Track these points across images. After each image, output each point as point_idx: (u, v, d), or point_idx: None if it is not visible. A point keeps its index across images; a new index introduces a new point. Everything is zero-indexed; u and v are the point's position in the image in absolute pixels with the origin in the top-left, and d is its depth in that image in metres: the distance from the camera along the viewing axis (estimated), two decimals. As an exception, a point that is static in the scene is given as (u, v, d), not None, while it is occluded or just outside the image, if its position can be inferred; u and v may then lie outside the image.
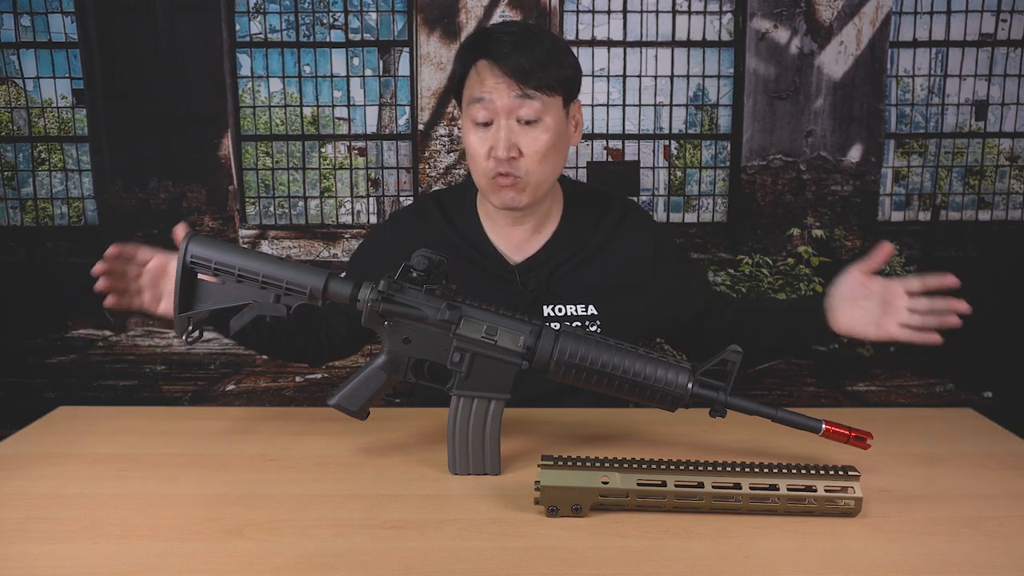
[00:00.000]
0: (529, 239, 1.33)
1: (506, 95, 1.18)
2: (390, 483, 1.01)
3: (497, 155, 1.20)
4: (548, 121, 1.21)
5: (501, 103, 1.19)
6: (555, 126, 1.22)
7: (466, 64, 1.23)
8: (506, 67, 1.17)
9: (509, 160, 1.20)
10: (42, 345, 2.84)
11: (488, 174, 1.23)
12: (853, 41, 2.74)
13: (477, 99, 1.20)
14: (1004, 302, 2.84)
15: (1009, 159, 2.82)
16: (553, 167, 1.25)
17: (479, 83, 1.20)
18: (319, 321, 1.33)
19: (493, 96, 1.19)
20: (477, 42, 1.22)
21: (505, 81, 1.18)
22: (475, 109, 1.21)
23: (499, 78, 1.18)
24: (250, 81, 2.76)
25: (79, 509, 0.93)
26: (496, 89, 1.18)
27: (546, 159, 1.22)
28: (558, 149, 1.24)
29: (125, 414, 1.27)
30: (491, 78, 1.19)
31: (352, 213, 2.84)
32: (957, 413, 1.29)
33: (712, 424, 1.21)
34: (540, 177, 1.23)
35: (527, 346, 1.00)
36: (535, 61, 1.18)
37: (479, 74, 1.21)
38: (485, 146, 1.21)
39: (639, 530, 0.88)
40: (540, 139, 1.21)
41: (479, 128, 1.22)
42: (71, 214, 2.81)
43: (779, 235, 2.83)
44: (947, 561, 0.82)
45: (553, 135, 1.22)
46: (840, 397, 2.91)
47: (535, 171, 1.22)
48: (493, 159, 1.21)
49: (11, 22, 2.69)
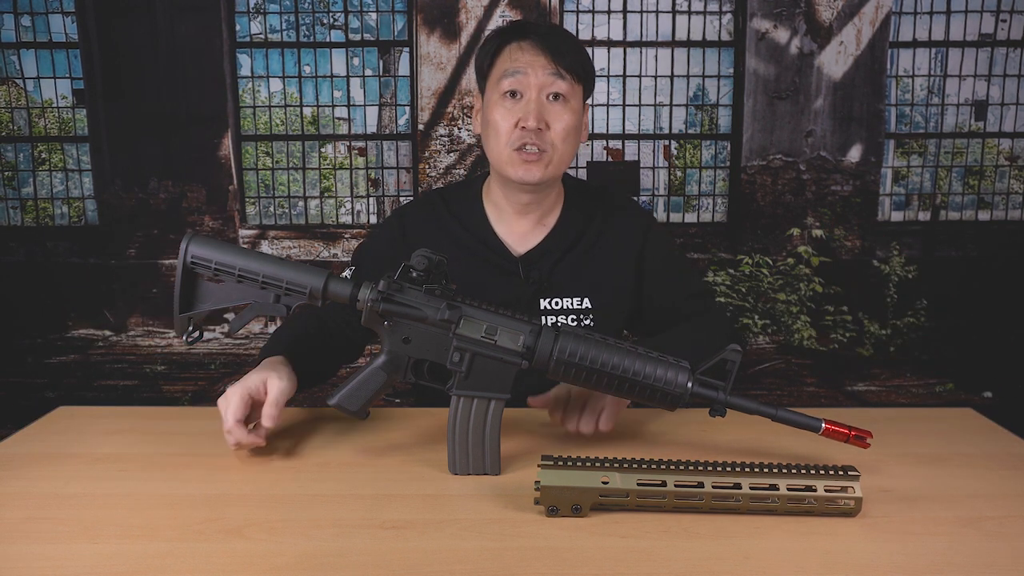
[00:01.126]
0: (532, 230, 1.35)
1: (541, 70, 1.22)
2: (390, 483, 1.00)
3: (527, 124, 1.22)
4: (573, 104, 1.26)
5: (535, 77, 1.23)
6: (577, 111, 1.27)
7: (499, 44, 1.26)
8: (543, 45, 1.22)
9: (537, 131, 1.23)
10: (42, 345, 2.84)
11: (513, 144, 1.24)
12: (853, 41, 2.74)
13: (511, 73, 1.23)
14: (1004, 302, 2.84)
15: (1009, 159, 2.82)
16: (571, 149, 1.29)
17: (514, 58, 1.24)
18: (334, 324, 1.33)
19: (528, 69, 1.23)
20: (513, 27, 1.27)
21: (543, 56, 1.22)
22: (507, 81, 1.24)
23: (536, 54, 1.23)
24: (250, 81, 2.76)
25: (79, 509, 0.93)
26: (532, 63, 1.23)
27: (568, 138, 1.26)
28: (576, 135, 1.29)
29: (125, 414, 1.27)
30: (527, 54, 1.23)
31: (352, 213, 2.84)
32: (957, 413, 1.29)
33: (712, 424, 1.21)
34: (561, 155, 1.27)
35: (527, 346, 1.00)
36: (568, 45, 1.24)
37: (518, 48, 1.24)
38: (513, 117, 1.24)
39: (639, 530, 0.88)
40: (566, 117, 1.25)
41: (507, 99, 1.25)
42: (71, 214, 2.81)
43: (779, 235, 2.83)
44: (947, 561, 0.82)
45: (575, 118, 1.27)
46: (840, 397, 2.91)
47: (559, 147, 1.26)
48: (520, 129, 1.23)
49: (11, 22, 2.70)
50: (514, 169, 1.26)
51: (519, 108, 1.24)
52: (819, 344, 2.86)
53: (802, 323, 2.85)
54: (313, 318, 1.32)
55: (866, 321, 2.85)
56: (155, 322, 2.85)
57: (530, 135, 1.23)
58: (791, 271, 2.84)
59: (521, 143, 1.23)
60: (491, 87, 1.27)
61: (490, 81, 1.28)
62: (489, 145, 1.29)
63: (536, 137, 1.23)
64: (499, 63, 1.26)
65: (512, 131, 1.24)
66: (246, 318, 1.05)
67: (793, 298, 2.84)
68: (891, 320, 2.85)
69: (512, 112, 1.24)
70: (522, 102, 1.24)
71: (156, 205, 2.78)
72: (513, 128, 1.24)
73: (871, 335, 2.86)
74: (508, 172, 1.27)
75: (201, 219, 2.80)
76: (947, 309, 2.84)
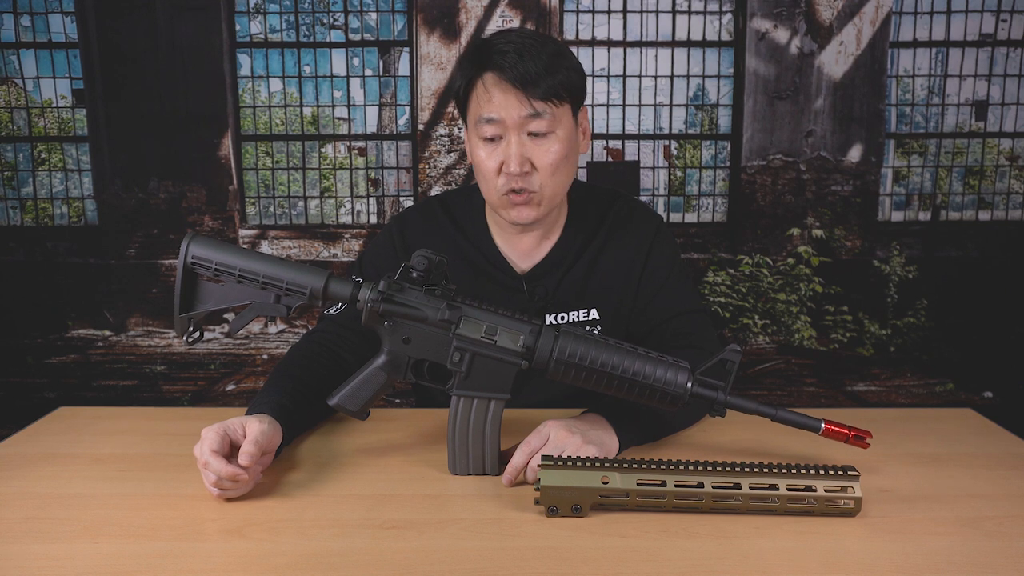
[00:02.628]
0: (536, 246, 1.31)
1: (515, 111, 1.15)
2: (390, 483, 1.01)
3: (510, 171, 1.16)
4: (559, 133, 1.18)
5: (511, 120, 1.16)
6: (566, 136, 1.19)
7: (470, 77, 1.19)
8: (513, 78, 1.14)
9: (522, 175, 1.17)
10: (42, 345, 2.84)
11: (500, 190, 1.19)
12: (853, 41, 2.74)
13: (486, 119, 1.17)
14: (1004, 302, 2.84)
15: (1009, 159, 2.82)
16: (566, 178, 1.23)
17: (486, 100, 1.17)
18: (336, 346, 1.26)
19: (502, 114, 1.15)
20: (480, 53, 1.18)
21: (514, 94, 1.15)
22: (484, 128, 1.17)
23: (507, 92, 1.15)
24: (250, 81, 2.76)
25: (79, 509, 0.93)
26: (505, 106, 1.15)
27: (558, 171, 1.19)
28: (570, 160, 1.22)
29: (125, 414, 1.28)
30: (499, 93, 1.15)
31: (352, 213, 2.84)
32: (957, 413, 1.29)
33: (712, 424, 1.21)
34: (554, 189, 1.21)
35: (527, 346, 1.00)
36: (541, 68, 1.15)
37: (486, 90, 1.17)
38: (495, 161, 1.18)
39: (639, 530, 0.88)
40: (552, 151, 1.18)
41: (487, 143, 1.18)
42: (71, 214, 2.81)
43: (779, 235, 2.83)
44: (947, 561, 0.82)
45: (564, 146, 1.19)
46: (840, 397, 2.91)
47: (548, 184, 1.19)
48: (505, 175, 1.18)
49: (11, 22, 2.70)
50: (506, 212, 1.22)
51: (500, 151, 1.17)
52: (819, 344, 2.86)
53: (802, 323, 2.85)
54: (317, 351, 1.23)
55: (866, 321, 2.85)
56: (155, 322, 2.85)
57: (515, 180, 1.17)
58: (791, 271, 2.84)
59: (508, 188, 1.18)
60: (470, 125, 1.22)
61: (469, 118, 1.22)
62: (479, 183, 1.24)
63: (522, 181, 1.17)
64: (472, 104, 1.20)
65: (497, 175, 1.19)
66: (246, 318, 1.05)
67: (793, 298, 2.84)
68: (891, 320, 2.85)
69: (494, 156, 1.18)
70: (502, 145, 1.17)
71: (156, 205, 2.79)
72: (498, 172, 1.18)
73: (871, 335, 2.86)
74: (501, 214, 1.23)
75: (201, 219, 2.80)
76: (947, 309, 2.84)
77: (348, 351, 1.24)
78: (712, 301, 2.85)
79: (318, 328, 1.28)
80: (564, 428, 1.02)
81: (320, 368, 1.19)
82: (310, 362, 1.19)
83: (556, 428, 1.02)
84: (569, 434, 1.01)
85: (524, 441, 1.01)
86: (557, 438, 1.01)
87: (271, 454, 1.02)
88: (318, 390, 1.11)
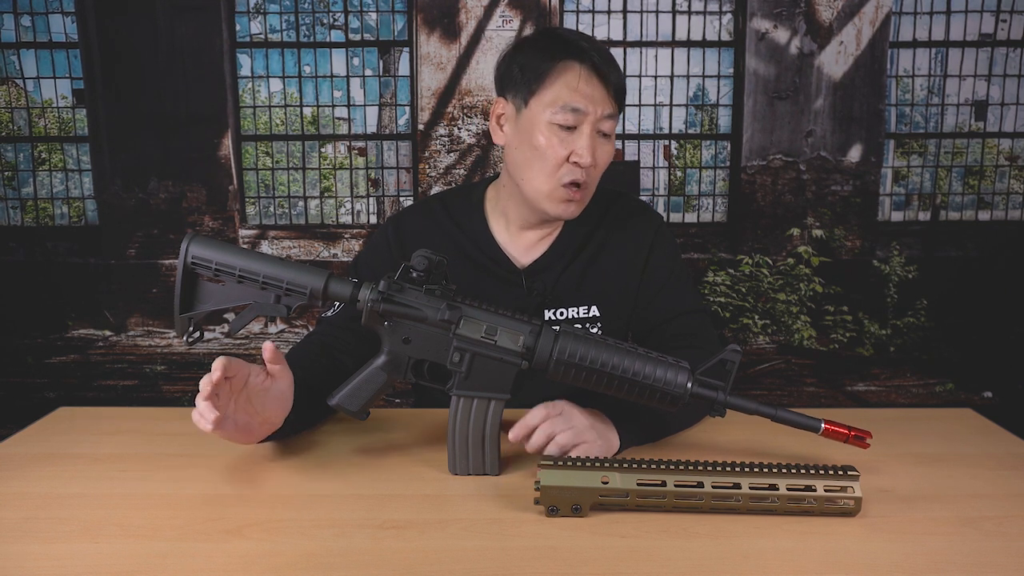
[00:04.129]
0: (537, 242, 1.31)
1: (601, 108, 1.18)
2: (390, 483, 1.00)
3: (583, 162, 1.18)
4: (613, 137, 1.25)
5: (595, 115, 1.18)
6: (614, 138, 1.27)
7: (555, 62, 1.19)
8: (607, 81, 1.18)
9: (587, 168, 1.20)
10: (42, 345, 2.84)
11: (563, 179, 1.20)
12: (853, 41, 2.74)
13: (571, 107, 1.17)
14: (1004, 302, 2.84)
15: (1009, 159, 2.82)
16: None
17: (573, 88, 1.17)
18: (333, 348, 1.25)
19: (589, 108, 1.17)
20: (566, 43, 1.19)
21: (603, 91, 1.18)
22: (567, 115, 1.18)
23: (597, 88, 1.18)
24: (250, 81, 2.76)
25: (79, 509, 0.93)
26: (594, 100, 1.18)
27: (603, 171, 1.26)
28: None
29: (125, 414, 1.27)
30: (590, 88, 1.18)
31: (352, 213, 2.84)
32: (957, 413, 1.29)
33: (712, 424, 1.21)
34: (593, 189, 1.25)
35: (527, 346, 1.00)
36: (618, 71, 1.21)
37: (579, 77, 1.18)
38: (566, 150, 1.19)
39: (639, 530, 0.88)
40: (608, 152, 1.23)
41: (561, 130, 1.19)
42: (71, 214, 2.81)
43: (779, 235, 2.83)
44: (947, 561, 0.82)
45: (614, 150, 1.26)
46: (840, 397, 2.91)
47: (595, 182, 1.24)
48: (570, 164, 1.19)
49: (11, 22, 2.70)
50: (554, 205, 1.22)
51: (572, 141, 1.18)
52: (819, 344, 2.86)
53: (802, 323, 2.85)
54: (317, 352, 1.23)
55: (866, 321, 2.85)
56: (155, 322, 2.85)
57: (581, 172, 1.19)
58: (791, 271, 2.84)
59: (572, 179, 1.19)
60: (538, 106, 1.19)
61: (538, 99, 1.19)
62: (528, 168, 1.22)
63: (586, 174, 1.20)
64: (556, 87, 1.18)
65: (562, 164, 1.19)
66: (246, 318, 1.05)
67: (793, 298, 2.84)
68: (891, 320, 2.85)
69: (565, 144, 1.18)
70: (575, 135, 1.19)
71: (156, 205, 2.79)
72: (564, 161, 1.19)
73: (871, 335, 2.86)
74: (546, 206, 1.22)
75: (201, 219, 2.80)
76: (947, 309, 2.85)
77: (345, 353, 1.23)
78: (712, 301, 2.85)
79: (316, 331, 1.28)
80: (578, 410, 1.05)
81: (320, 369, 1.18)
82: (311, 363, 1.19)
83: (570, 406, 1.05)
84: (582, 416, 1.04)
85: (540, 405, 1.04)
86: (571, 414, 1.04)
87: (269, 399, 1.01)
88: (319, 390, 1.11)
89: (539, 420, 1.03)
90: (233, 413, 0.98)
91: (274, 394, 1.02)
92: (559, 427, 1.02)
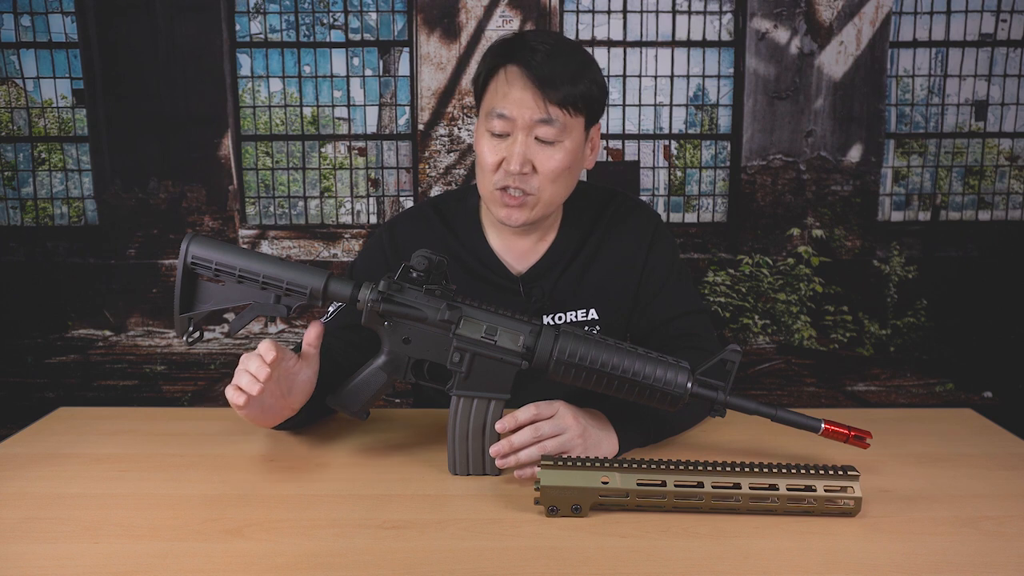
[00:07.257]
0: (532, 248, 1.30)
1: (529, 113, 1.14)
2: (390, 483, 1.01)
3: (510, 168, 1.15)
4: (567, 143, 1.17)
5: (522, 121, 1.14)
6: (573, 148, 1.18)
7: (493, 66, 1.17)
8: (535, 77, 1.12)
9: (521, 175, 1.16)
10: (42, 345, 2.84)
11: (496, 184, 1.18)
12: (853, 41, 2.74)
13: (498, 114, 1.15)
14: (1004, 302, 2.84)
15: (1009, 159, 2.82)
16: (564, 188, 1.22)
17: (503, 94, 1.15)
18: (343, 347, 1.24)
19: (515, 113, 1.14)
20: (510, 45, 1.17)
21: (532, 94, 1.13)
22: (494, 122, 1.16)
23: (526, 90, 1.13)
24: (250, 81, 2.76)
25: (79, 509, 0.93)
26: (520, 104, 1.14)
27: (559, 179, 1.18)
28: (572, 171, 1.20)
29: (125, 414, 1.28)
30: (517, 90, 1.14)
31: (352, 213, 2.84)
32: (957, 413, 1.29)
33: (712, 424, 1.21)
34: (551, 196, 1.20)
35: (527, 346, 1.00)
36: (566, 75, 1.13)
37: (506, 82, 1.15)
38: (497, 156, 1.16)
39: (639, 530, 0.88)
40: (555, 158, 1.16)
41: (493, 137, 1.17)
42: (71, 214, 2.81)
43: (779, 235, 2.83)
44: (947, 561, 0.82)
45: (569, 157, 1.17)
46: (840, 397, 2.91)
47: (547, 189, 1.18)
48: (503, 171, 1.16)
49: (11, 22, 2.70)
50: (496, 209, 1.20)
51: (503, 148, 1.16)
52: (819, 344, 2.86)
53: (802, 323, 2.85)
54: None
55: (866, 321, 2.85)
56: (155, 322, 2.85)
57: (512, 178, 1.15)
58: (791, 271, 2.84)
59: (503, 184, 1.17)
60: (481, 114, 1.20)
61: (482, 107, 1.20)
62: (478, 174, 1.22)
63: (520, 181, 1.16)
64: (489, 94, 1.18)
65: (496, 170, 1.17)
66: (246, 318, 1.05)
67: (793, 298, 2.84)
68: (891, 320, 2.85)
69: (496, 151, 1.16)
70: (507, 142, 1.16)
71: (156, 205, 2.79)
72: (497, 167, 1.17)
73: (871, 335, 2.86)
74: (491, 209, 1.22)
75: (201, 219, 2.80)
76: (947, 309, 2.84)
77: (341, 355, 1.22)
78: (712, 301, 2.85)
79: None
80: (572, 414, 1.03)
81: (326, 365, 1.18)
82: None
83: (565, 409, 1.03)
84: (575, 421, 1.02)
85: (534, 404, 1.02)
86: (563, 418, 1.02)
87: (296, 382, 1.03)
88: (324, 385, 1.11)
89: (528, 418, 1.01)
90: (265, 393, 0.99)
91: (301, 379, 1.04)
92: (546, 431, 1.01)
